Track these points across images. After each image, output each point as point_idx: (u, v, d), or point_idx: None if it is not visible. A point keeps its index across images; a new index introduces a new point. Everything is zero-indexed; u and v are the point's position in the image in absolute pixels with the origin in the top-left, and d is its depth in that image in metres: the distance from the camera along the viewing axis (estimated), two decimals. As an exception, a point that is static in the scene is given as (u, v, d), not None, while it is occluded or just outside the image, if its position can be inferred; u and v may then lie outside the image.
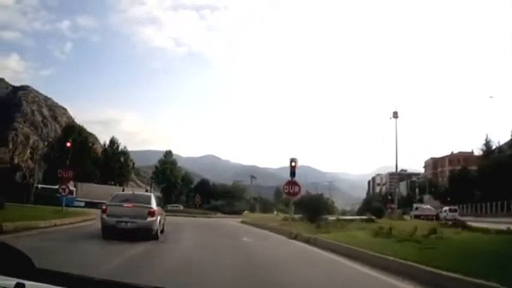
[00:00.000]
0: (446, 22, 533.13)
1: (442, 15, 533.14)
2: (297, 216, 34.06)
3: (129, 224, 13.96)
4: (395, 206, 70.07)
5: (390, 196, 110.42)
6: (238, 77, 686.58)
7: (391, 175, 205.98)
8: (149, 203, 14.88)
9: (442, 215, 52.95)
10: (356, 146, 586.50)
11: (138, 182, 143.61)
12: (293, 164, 24.04)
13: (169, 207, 61.75)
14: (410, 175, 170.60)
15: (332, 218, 28.95)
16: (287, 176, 24.67)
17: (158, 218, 14.88)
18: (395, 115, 49.09)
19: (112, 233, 13.92)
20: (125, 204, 14.56)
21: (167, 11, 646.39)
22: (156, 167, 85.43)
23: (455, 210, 54.40)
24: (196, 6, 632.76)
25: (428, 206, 61.78)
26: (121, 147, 71.29)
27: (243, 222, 32.19)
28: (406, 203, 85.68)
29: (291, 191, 23.71)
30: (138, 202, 14.82)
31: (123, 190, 61.35)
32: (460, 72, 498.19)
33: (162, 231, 17.05)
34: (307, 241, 15.87)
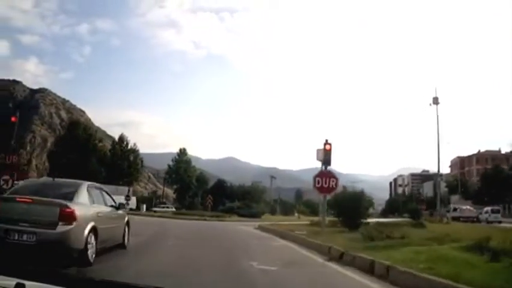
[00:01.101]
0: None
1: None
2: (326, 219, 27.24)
3: (25, 235, 6.81)
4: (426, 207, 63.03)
5: (420, 196, 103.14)
6: (258, 79, 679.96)
7: (413, 176, 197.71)
8: (71, 197, 7.61)
9: (483, 216, 46.58)
10: (375, 147, 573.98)
11: (157, 184, 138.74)
12: (327, 147, 16.48)
13: (156, 208, 55.07)
14: (432, 175, 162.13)
15: (369, 221, 21.71)
16: (308, 178, 17.54)
17: (89, 225, 7.59)
18: (436, 101, 41.11)
19: (3, 250, 6.86)
20: (21, 198, 7.35)
21: (187, 13, 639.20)
22: (169, 166, 77.77)
23: (498, 211, 48.39)
24: (215, 9, 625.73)
25: (468, 207, 54.65)
26: (130, 145, 64.49)
27: (259, 227, 24.47)
28: (434, 205, 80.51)
29: (325, 186, 16.14)
30: (50, 195, 7.57)
31: (128, 191, 54.77)
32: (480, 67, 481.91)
33: (122, 247, 9.99)
34: (368, 270, 8.42)
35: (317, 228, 20.35)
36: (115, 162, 58.76)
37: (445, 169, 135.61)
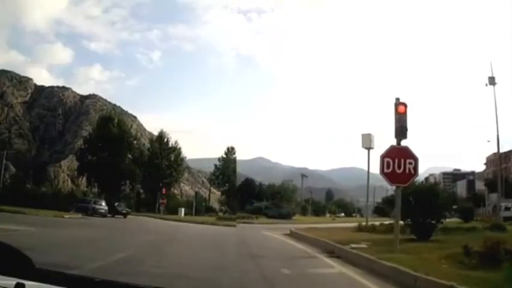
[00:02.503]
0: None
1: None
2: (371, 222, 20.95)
3: None
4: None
5: (454, 195, 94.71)
6: (287, 79, 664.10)
7: (445, 175, 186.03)
8: None
9: (541, 215, 38.22)
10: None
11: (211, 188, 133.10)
12: (401, 109, 9.70)
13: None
14: (463, 174, 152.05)
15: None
16: (338, 178, 13.46)
17: None
18: (492, 81, 33.39)
19: None
20: None
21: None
22: (215, 166, 67.86)
23: (559, 210, 39.51)
24: (243, 10, 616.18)
25: (524, 205, 46.26)
26: (171, 143, 55.90)
27: (291, 234, 17.31)
28: (473, 204, 73.51)
29: (398, 171, 9.43)
30: None
31: (165, 192, 47.55)
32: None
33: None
34: None
35: (374, 236, 13.74)
36: (153, 162, 51.02)
37: (480, 166, 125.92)
